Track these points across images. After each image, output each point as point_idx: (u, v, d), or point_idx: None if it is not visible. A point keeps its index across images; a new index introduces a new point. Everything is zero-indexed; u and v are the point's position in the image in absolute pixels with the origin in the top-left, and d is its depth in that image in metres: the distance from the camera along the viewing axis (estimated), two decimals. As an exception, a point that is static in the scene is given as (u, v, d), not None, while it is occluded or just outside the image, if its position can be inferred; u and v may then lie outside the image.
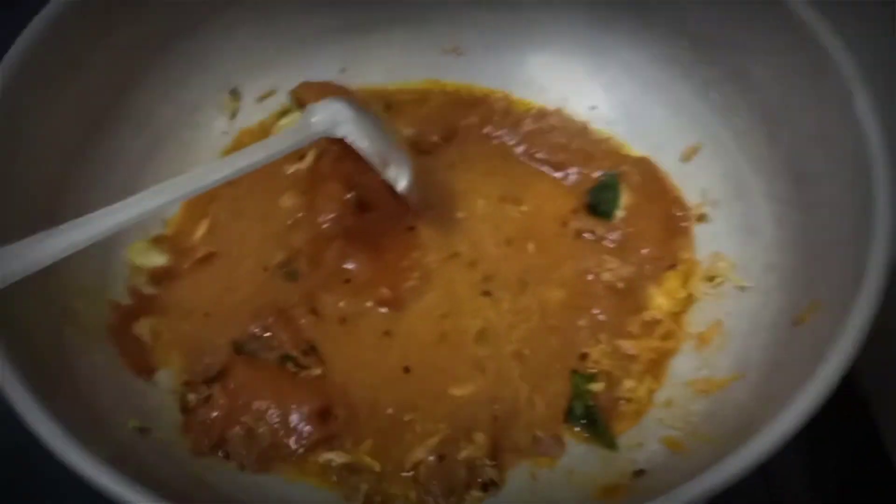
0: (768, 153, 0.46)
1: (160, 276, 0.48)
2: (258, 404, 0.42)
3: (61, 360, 0.40)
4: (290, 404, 0.42)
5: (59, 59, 0.45)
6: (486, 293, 0.47)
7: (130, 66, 0.50)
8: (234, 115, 0.55)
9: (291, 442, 0.42)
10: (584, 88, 0.55)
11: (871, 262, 0.35)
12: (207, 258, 0.49)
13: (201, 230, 0.50)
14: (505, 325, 0.46)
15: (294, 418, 0.42)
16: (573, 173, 0.52)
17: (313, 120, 0.44)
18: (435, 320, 0.46)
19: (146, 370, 0.44)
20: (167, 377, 0.45)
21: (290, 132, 0.45)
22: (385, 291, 0.46)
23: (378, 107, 0.56)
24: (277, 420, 0.42)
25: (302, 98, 0.51)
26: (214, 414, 0.42)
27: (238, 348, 0.45)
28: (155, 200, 0.39)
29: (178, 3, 0.50)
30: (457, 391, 0.44)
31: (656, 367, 0.44)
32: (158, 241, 0.50)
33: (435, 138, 0.54)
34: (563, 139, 0.53)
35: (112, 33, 0.48)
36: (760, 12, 0.46)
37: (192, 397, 0.44)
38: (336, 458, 0.42)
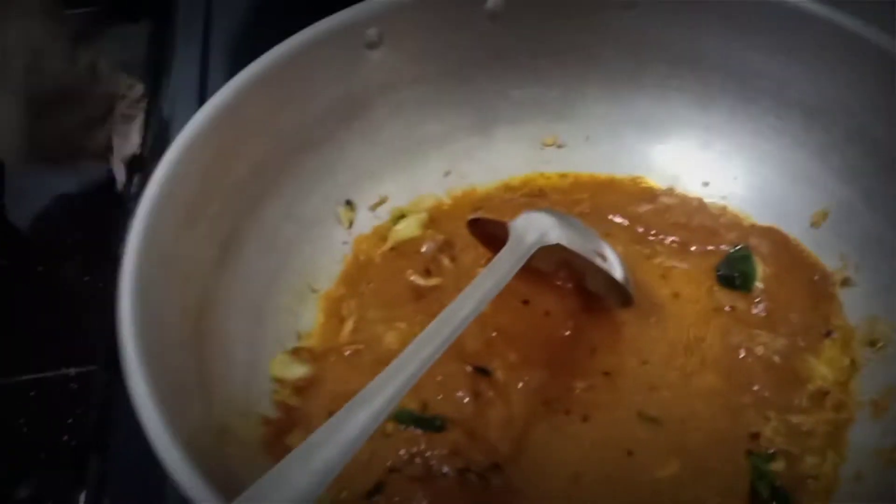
0: (906, 208, 0.46)
1: (305, 388, 0.48)
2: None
3: (228, 478, 0.40)
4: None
5: (190, 189, 0.47)
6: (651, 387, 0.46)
7: (254, 190, 0.51)
8: (350, 225, 0.56)
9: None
10: (693, 166, 0.55)
11: None
12: (355, 354, 0.49)
13: (347, 329, 0.50)
14: (673, 409, 0.45)
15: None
16: (698, 251, 0.52)
17: (523, 235, 0.45)
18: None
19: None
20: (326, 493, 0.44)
21: (507, 253, 0.45)
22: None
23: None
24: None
25: (476, 232, 0.53)
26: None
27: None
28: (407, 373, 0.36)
29: (293, 131, 0.52)
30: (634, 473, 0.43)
31: (835, 440, 0.43)
32: (298, 353, 0.50)
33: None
34: (682, 218, 0.53)
35: (237, 161, 0.50)
36: (869, 73, 0.47)
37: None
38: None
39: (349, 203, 0.57)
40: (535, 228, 0.46)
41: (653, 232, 0.53)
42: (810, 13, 0.49)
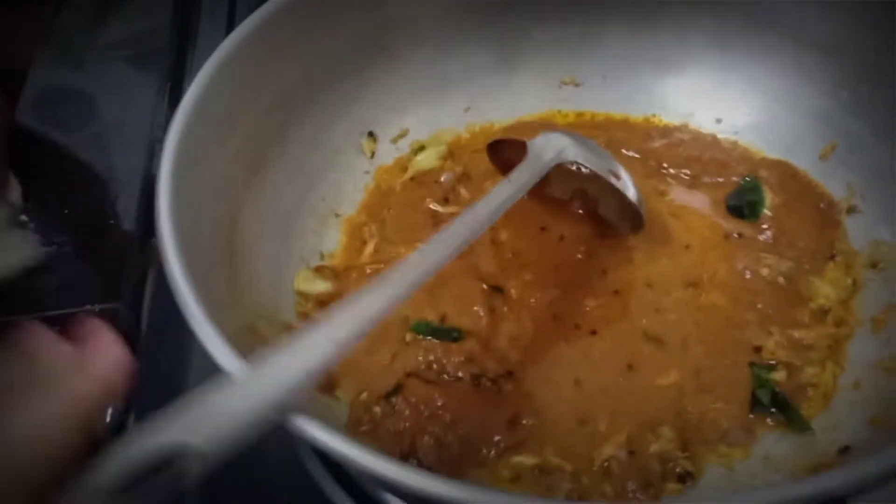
0: (913, 138, 0.47)
1: (326, 302, 0.50)
2: (444, 415, 0.43)
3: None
4: (476, 417, 0.43)
5: (220, 110, 0.48)
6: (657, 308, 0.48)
7: (281, 117, 0.53)
8: (372, 156, 0.58)
9: (482, 449, 0.42)
10: (707, 103, 0.57)
11: None
12: (375, 273, 0.51)
13: (368, 250, 0.53)
14: (676, 329, 0.47)
15: (482, 428, 0.42)
16: (709, 183, 0.54)
17: (541, 153, 0.48)
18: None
19: (328, 387, 0.46)
20: (346, 394, 0.46)
21: (525, 168, 0.46)
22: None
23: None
24: (466, 430, 0.42)
25: (496, 159, 0.55)
26: (404, 425, 0.43)
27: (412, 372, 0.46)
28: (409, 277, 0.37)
29: (319, 61, 0.54)
30: (635, 383, 0.45)
31: (835, 353, 0.44)
32: (321, 270, 0.52)
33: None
34: (695, 151, 0.55)
35: (266, 87, 0.52)
36: (881, 11, 0.48)
37: (377, 410, 0.45)
38: (526, 460, 0.42)
39: (371, 134, 0.58)
40: (552, 147, 0.48)
41: (664, 165, 0.55)
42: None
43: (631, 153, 0.56)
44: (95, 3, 0.76)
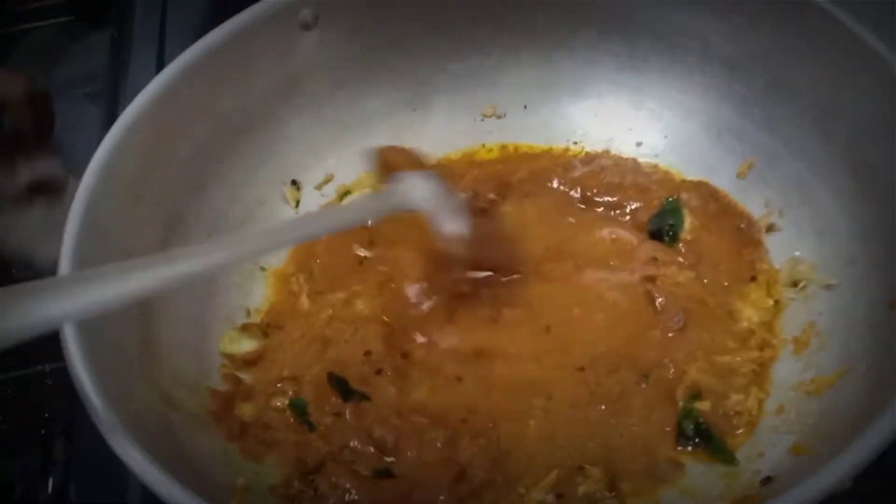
0: (823, 152, 0.48)
1: (253, 361, 0.49)
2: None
3: (172, 441, 0.41)
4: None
5: (131, 170, 0.48)
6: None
7: (198, 171, 0.53)
8: (297, 205, 0.57)
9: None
10: (625, 127, 0.57)
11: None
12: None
13: (303, 303, 0.52)
14: (588, 354, 0.46)
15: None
16: (632, 208, 0.53)
17: (406, 191, 0.45)
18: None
19: (255, 454, 0.45)
20: (273, 465, 0.45)
21: (380, 198, 0.45)
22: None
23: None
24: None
25: (387, 160, 0.52)
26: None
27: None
28: (228, 252, 0.39)
29: (235, 112, 0.54)
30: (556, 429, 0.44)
31: (759, 377, 0.44)
32: (247, 328, 0.51)
33: (491, 195, 0.56)
34: (616, 178, 0.55)
35: (180, 142, 0.51)
36: (789, 22, 0.48)
37: (297, 485, 0.44)
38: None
39: (295, 182, 0.58)
40: (419, 191, 0.45)
41: (588, 194, 0.55)
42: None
43: (555, 184, 0.56)
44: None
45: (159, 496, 0.34)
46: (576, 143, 0.58)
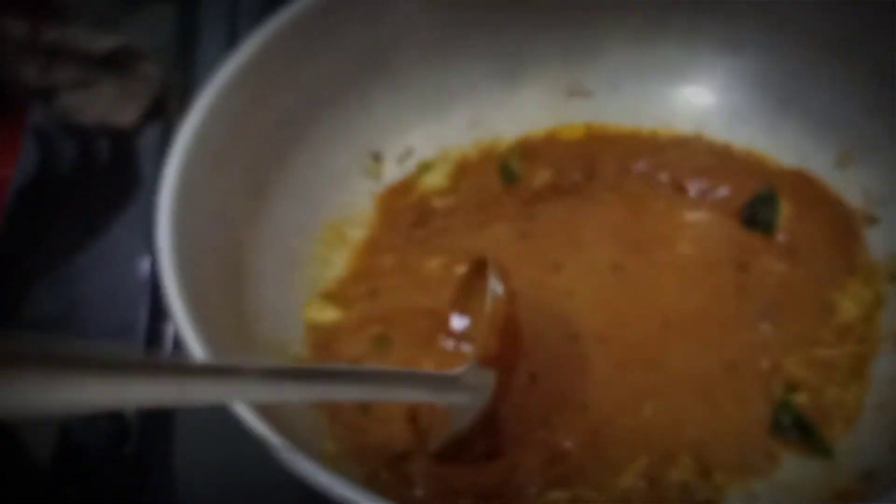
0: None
1: (335, 333, 0.50)
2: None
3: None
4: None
5: (220, 139, 0.48)
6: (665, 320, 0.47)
7: (282, 142, 0.53)
8: (378, 177, 0.57)
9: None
10: (718, 112, 0.55)
11: None
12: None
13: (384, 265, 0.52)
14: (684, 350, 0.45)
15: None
16: (725, 195, 0.52)
17: (466, 391, 0.40)
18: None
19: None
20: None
21: (439, 382, 0.41)
22: None
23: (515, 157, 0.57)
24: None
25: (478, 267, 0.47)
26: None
27: None
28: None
29: (319, 82, 0.53)
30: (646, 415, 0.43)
31: (857, 372, 0.43)
32: (330, 297, 0.51)
33: (576, 177, 0.55)
34: (708, 162, 0.53)
35: (266, 112, 0.51)
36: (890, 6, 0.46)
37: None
38: (562, 495, 0.41)
39: (376, 155, 0.58)
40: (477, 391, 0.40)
41: (678, 178, 0.54)
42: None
43: (641, 167, 0.55)
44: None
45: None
46: (666, 125, 0.56)
